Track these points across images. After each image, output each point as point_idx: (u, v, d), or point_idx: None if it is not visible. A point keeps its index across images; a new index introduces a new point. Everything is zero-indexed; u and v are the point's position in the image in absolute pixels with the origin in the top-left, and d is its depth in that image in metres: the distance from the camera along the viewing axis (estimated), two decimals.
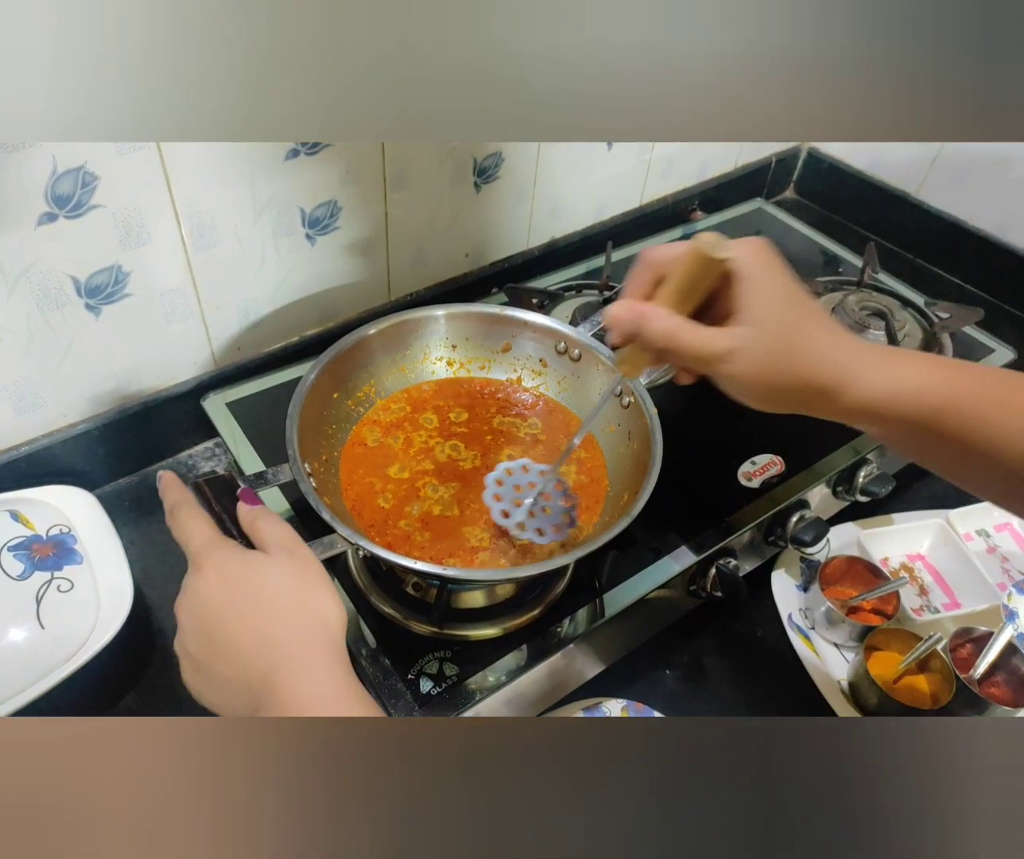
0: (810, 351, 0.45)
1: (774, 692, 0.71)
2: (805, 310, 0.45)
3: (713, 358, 0.45)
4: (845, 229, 1.30)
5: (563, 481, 0.66)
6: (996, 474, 0.44)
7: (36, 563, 0.64)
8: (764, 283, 0.44)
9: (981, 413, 0.43)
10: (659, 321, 0.45)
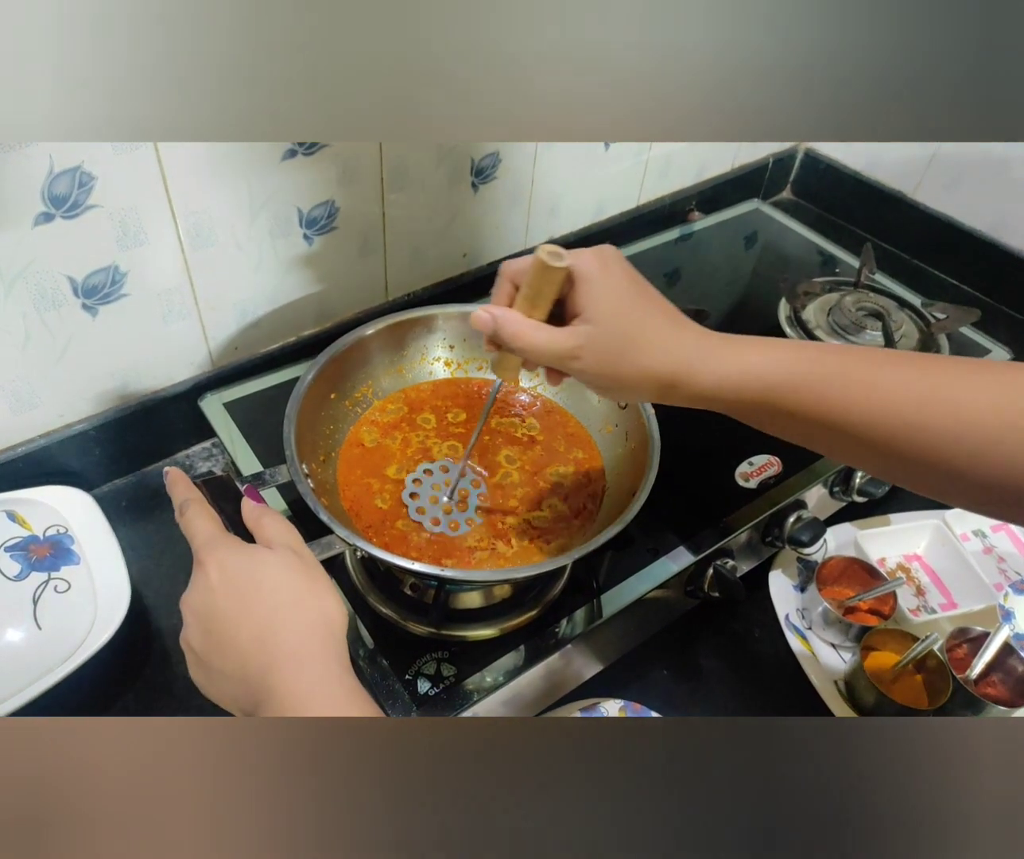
0: (649, 345, 0.48)
1: (771, 692, 0.71)
2: (645, 307, 0.49)
3: (562, 356, 0.48)
4: (842, 229, 1.30)
5: (476, 471, 0.68)
6: (842, 442, 0.47)
7: (33, 563, 0.64)
8: (603, 284, 0.48)
9: (817, 389, 0.46)
10: (511, 324, 0.49)
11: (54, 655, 0.60)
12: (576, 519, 0.65)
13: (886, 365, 0.46)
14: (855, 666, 0.69)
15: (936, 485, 0.45)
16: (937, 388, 0.43)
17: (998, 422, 0.41)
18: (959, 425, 0.42)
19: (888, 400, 0.44)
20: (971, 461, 0.42)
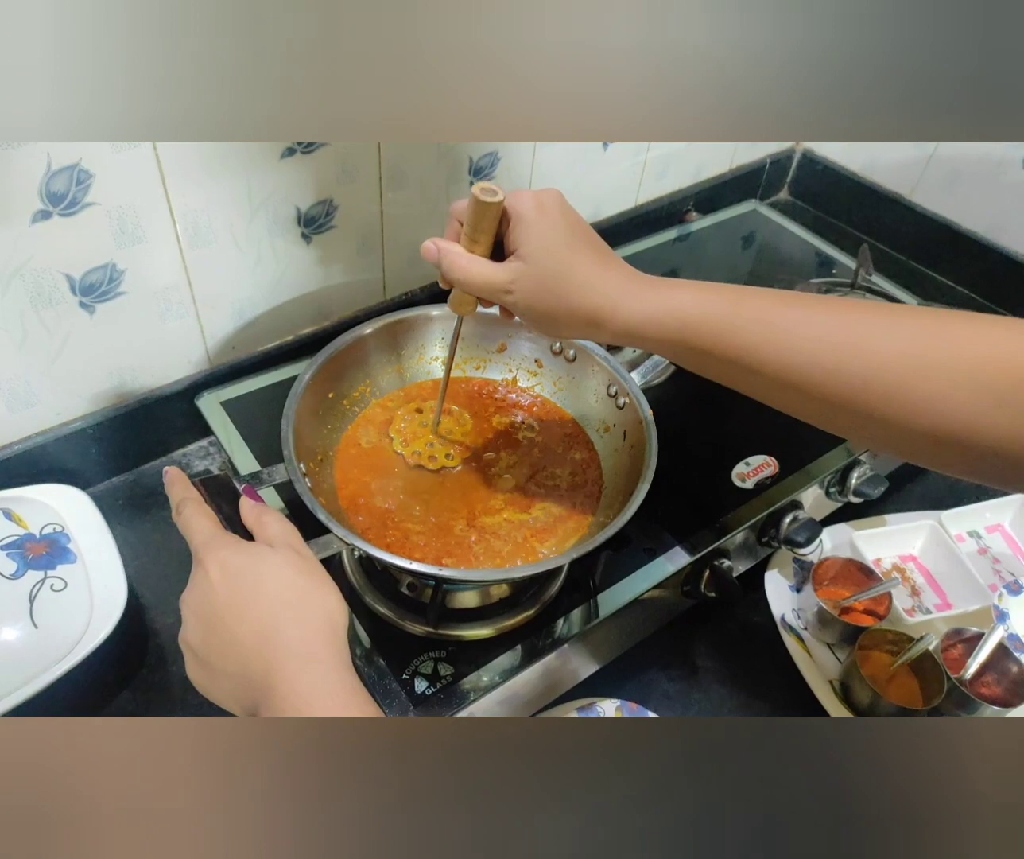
0: (576, 281, 0.50)
1: (767, 692, 0.72)
2: (576, 247, 0.51)
3: (496, 288, 0.51)
4: (839, 231, 1.30)
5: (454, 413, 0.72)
6: (760, 383, 0.48)
7: (29, 562, 0.64)
8: (536, 223, 0.50)
9: (736, 329, 0.48)
10: (453, 256, 0.52)
11: (50, 654, 0.60)
12: (573, 519, 0.65)
13: (805, 309, 0.47)
14: (850, 666, 0.69)
15: (849, 426, 0.47)
16: (851, 334, 0.45)
17: (904, 366, 0.43)
18: (868, 370, 0.43)
19: (804, 344, 0.46)
20: (880, 404, 0.43)
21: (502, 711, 0.61)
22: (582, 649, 0.65)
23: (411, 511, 0.64)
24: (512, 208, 0.50)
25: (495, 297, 0.52)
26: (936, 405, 0.42)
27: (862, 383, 0.44)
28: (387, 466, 0.68)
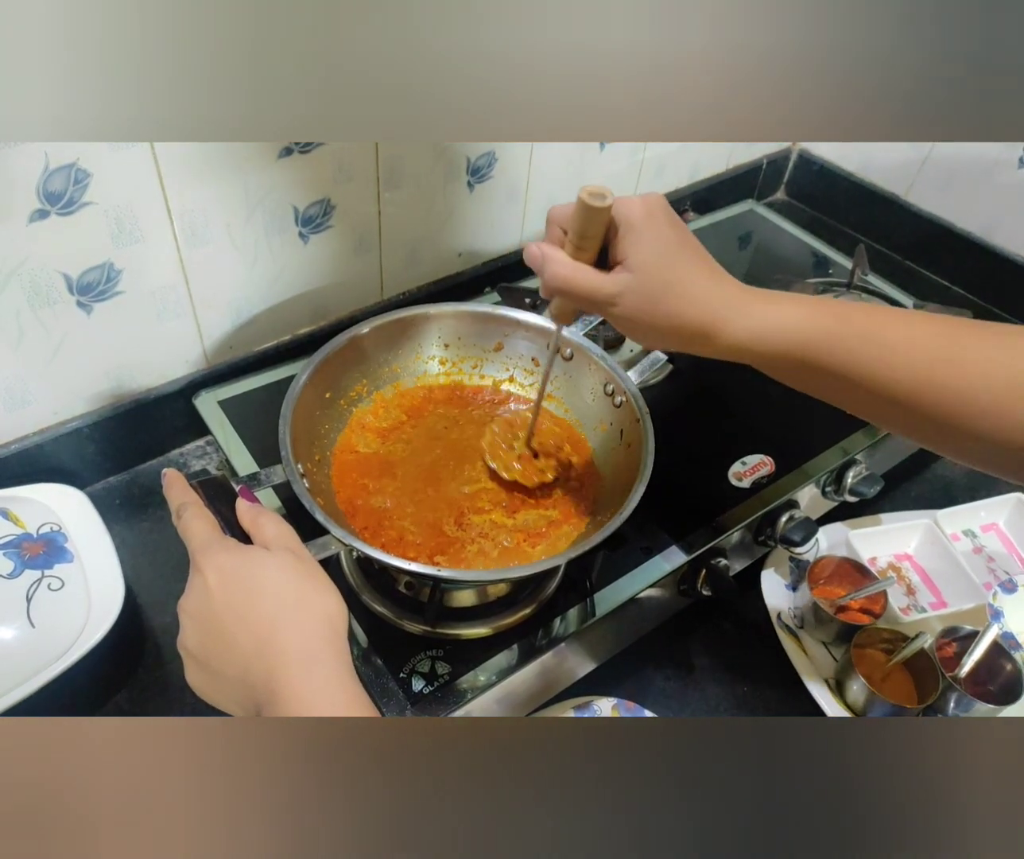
0: (685, 295, 0.49)
1: (763, 690, 0.72)
2: (686, 258, 0.49)
3: (602, 300, 0.49)
4: (835, 231, 1.31)
5: None
6: (867, 399, 0.48)
7: (26, 561, 0.64)
8: (645, 232, 0.48)
9: (846, 345, 0.47)
10: (556, 265, 0.49)
11: (47, 653, 0.60)
12: (570, 518, 0.65)
13: (910, 325, 0.47)
14: (846, 664, 0.70)
15: (949, 443, 0.47)
16: (955, 350, 0.45)
17: (1003, 384, 0.43)
18: (970, 386, 0.44)
19: (909, 359, 0.46)
20: (980, 420, 0.44)
21: (499, 710, 0.62)
22: (579, 648, 0.65)
23: (407, 511, 0.64)
24: (619, 215, 0.48)
25: (599, 309, 0.50)
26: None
27: (963, 398, 0.44)
28: (384, 466, 0.68)
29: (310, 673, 0.41)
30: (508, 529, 0.64)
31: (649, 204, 0.49)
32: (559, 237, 0.51)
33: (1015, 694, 0.68)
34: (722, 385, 0.80)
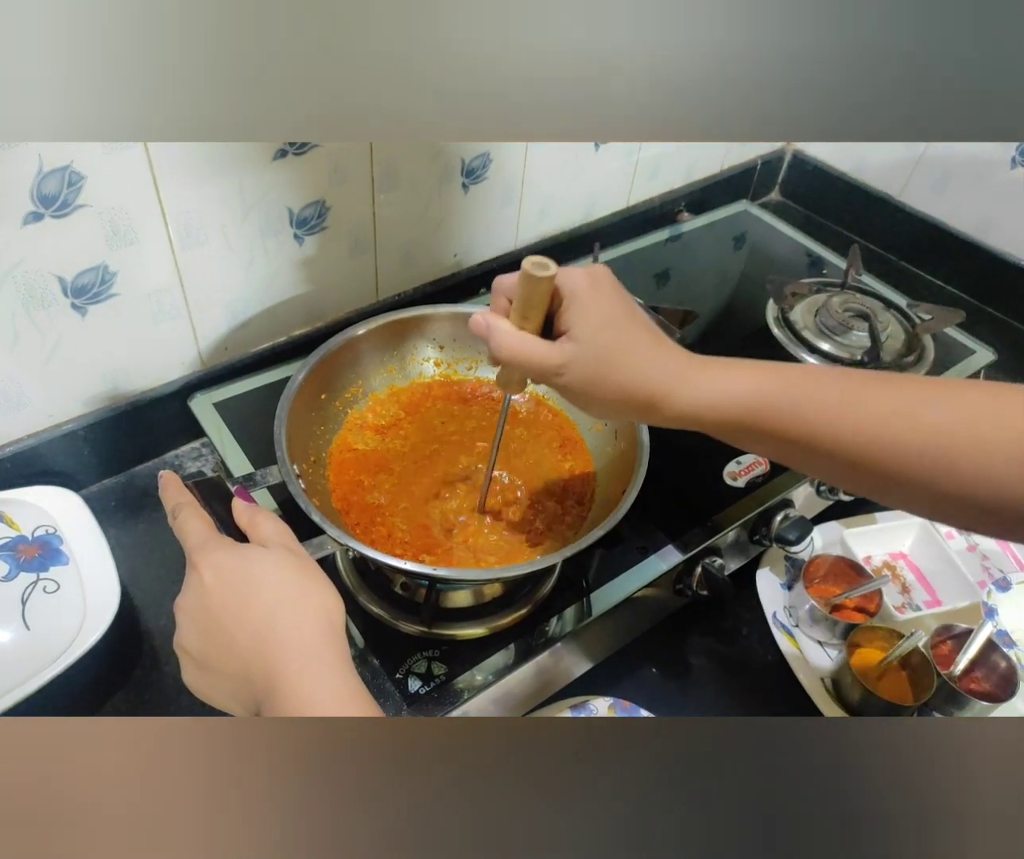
0: (631, 366, 0.49)
1: (759, 689, 0.72)
2: (631, 328, 0.49)
3: (546, 371, 0.49)
4: (829, 231, 1.31)
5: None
6: (815, 459, 0.48)
7: (21, 564, 0.64)
8: (589, 303, 0.48)
9: (791, 411, 0.47)
10: (502, 335, 0.49)
11: (43, 656, 0.60)
12: (566, 518, 0.65)
13: (861, 387, 0.47)
14: (841, 663, 0.70)
15: (906, 499, 0.47)
16: (907, 409, 0.45)
17: (957, 441, 0.43)
18: (925, 444, 0.44)
19: (861, 422, 0.46)
20: (936, 477, 0.44)
21: (495, 710, 0.62)
22: (575, 648, 0.65)
23: (400, 508, 0.64)
24: (563, 285, 0.48)
25: (544, 379, 0.50)
26: (990, 479, 0.42)
27: (917, 457, 0.44)
28: (380, 467, 0.68)
29: (309, 667, 0.41)
30: (502, 528, 0.64)
31: (594, 275, 0.49)
32: (504, 307, 0.50)
33: (1010, 691, 0.68)
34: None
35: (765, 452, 0.51)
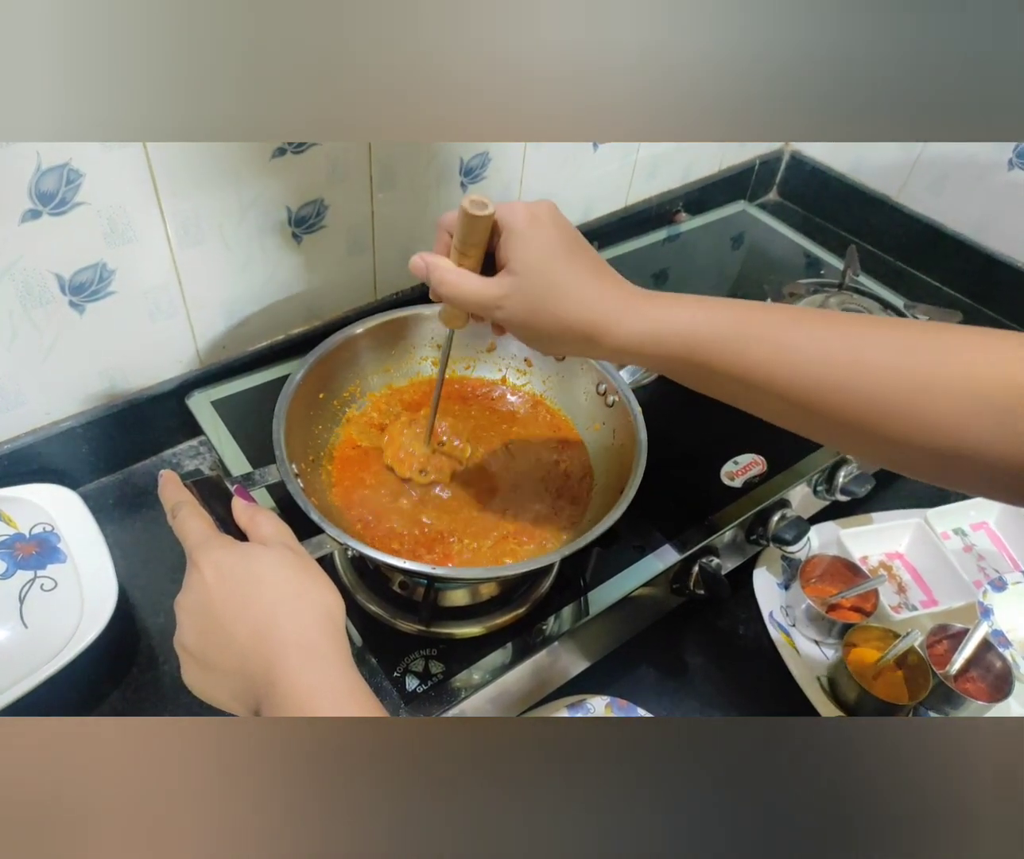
0: (569, 297, 0.48)
1: (755, 688, 0.72)
2: (571, 260, 0.49)
3: (486, 304, 0.49)
4: (827, 231, 1.31)
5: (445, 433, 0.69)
6: (763, 399, 0.48)
7: (19, 562, 0.64)
8: (528, 236, 0.48)
9: (739, 347, 0.46)
10: (440, 272, 0.50)
11: (40, 654, 0.60)
12: (563, 516, 0.66)
13: (811, 326, 0.46)
14: (838, 662, 0.70)
15: (856, 445, 0.47)
16: (856, 351, 0.44)
17: (906, 384, 0.42)
18: (873, 387, 0.43)
19: (810, 361, 0.45)
20: (885, 421, 0.43)
21: (493, 709, 0.62)
22: (572, 646, 0.66)
23: (402, 510, 0.64)
24: (503, 220, 0.49)
25: (485, 313, 0.51)
26: (939, 423, 0.41)
27: (867, 401, 0.43)
28: (379, 467, 0.68)
29: (310, 663, 0.41)
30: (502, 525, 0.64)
31: (534, 209, 0.49)
32: (447, 243, 0.51)
33: (1005, 691, 0.68)
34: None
35: (711, 391, 0.50)
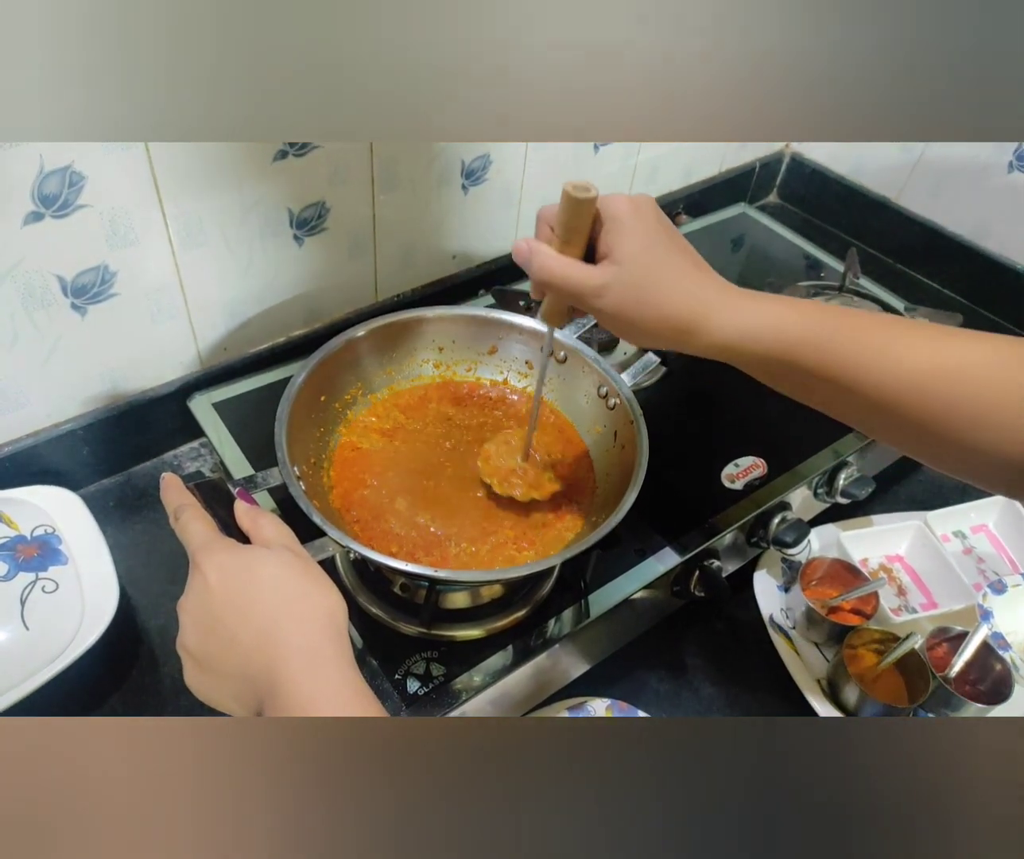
0: (670, 290, 0.49)
1: (755, 691, 0.72)
2: (672, 252, 0.50)
3: (587, 293, 0.49)
4: (827, 234, 1.32)
5: None
6: (851, 402, 0.48)
7: (20, 564, 0.64)
8: (631, 226, 0.48)
9: (833, 347, 0.47)
10: (543, 257, 0.49)
11: (41, 655, 0.60)
12: (565, 519, 0.66)
13: (902, 331, 0.47)
14: (837, 665, 0.70)
15: (936, 453, 0.47)
16: (944, 357, 0.45)
17: (993, 393, 0.43)
18: (959, 394, 0.44)
19: (898, 365, 0.46)
20: (967, 429, 0.44)
21: (493, 711, 0.62)
22: (573, 649, 0.66)
23: (399, 508, 0.64)
24: (606, 210, 0.49)
25: (585, 301, 0.50)
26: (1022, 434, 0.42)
27: (950, 406, 0.44)
28: (380, 469, 0.68)
29: (313, 665, 0.41)
30: (501, 530, 0.64)
31: (636, 201, 0.49)
32: (548, 234, 0.51)
33: (1004, 694, 0.68)
34: (715, 387, 0.80)
35: (802, 393, 0.50)
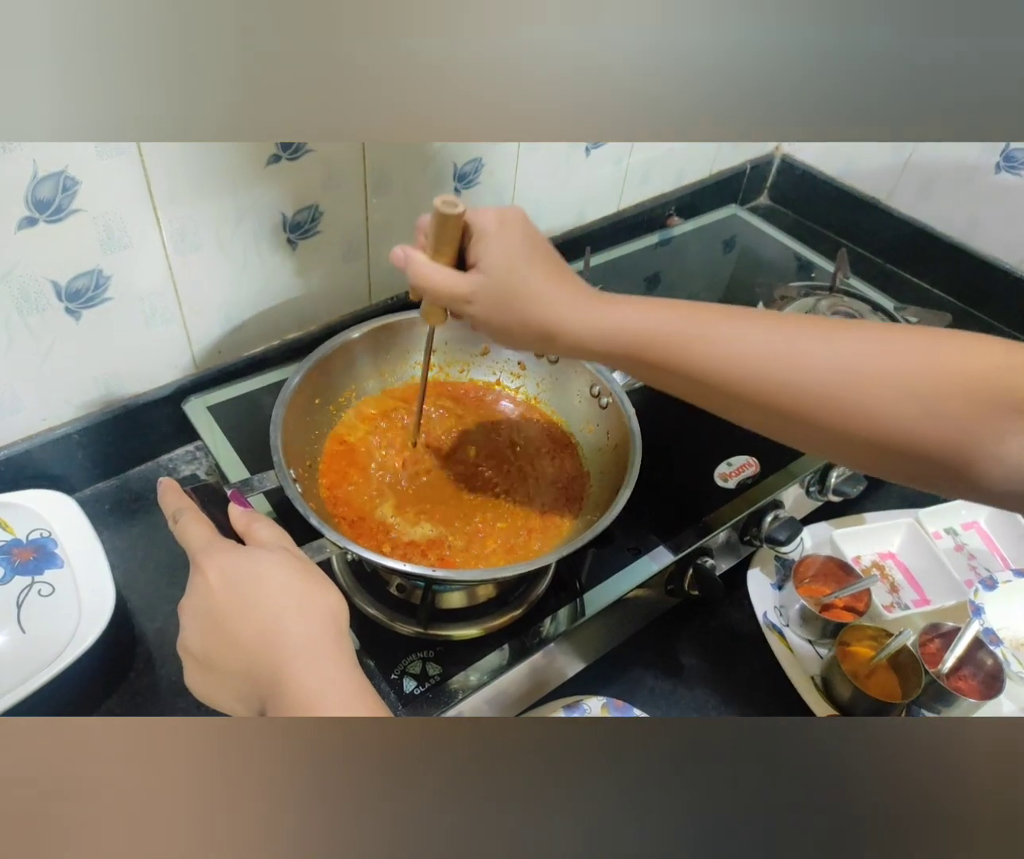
0: (530, 298, 0.52)
1: (749, 688, 0.73)
2: (535, 263, 0.52)
3: (457, 298, 0.52)
4: (818, 235, 1.33)
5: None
6: (703, 392, 0.51)
7: (16, 567, 0.64)
8: (496, 239, 0.51)
9: (681, 344, 0.50)
10: (416, 264, 0.53)
11: (38, 659, 0.60)
12: (559, 518, 0.66)
13: (746, 323, 0.50)
14: (831, 661, 0.71)
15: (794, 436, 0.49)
16: (788, 347, 0.47)
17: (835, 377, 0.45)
18: (804, 381, 0.46)
19: (743, 357, 0.48)
20: (817, 412, 0.46)
21: (489, 710, 0.62)
22: (568, 648, 0.66)
23: (390, 504, 0.65)
24: (474, 223, 0.52)
25: (456, 307, 0.53)
26: (867, 412, 0.44)
27: (798, 393, 0.46)
28: (374, 470, 0.68)
29: (316, 664, 0.41)
30: (496, 528, 0.64)
31: (504, 214, 0.52)
32: (423, 244, 0.54)
33: (996, 688, 0.69)
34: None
35: (663, 386, 0.53)
